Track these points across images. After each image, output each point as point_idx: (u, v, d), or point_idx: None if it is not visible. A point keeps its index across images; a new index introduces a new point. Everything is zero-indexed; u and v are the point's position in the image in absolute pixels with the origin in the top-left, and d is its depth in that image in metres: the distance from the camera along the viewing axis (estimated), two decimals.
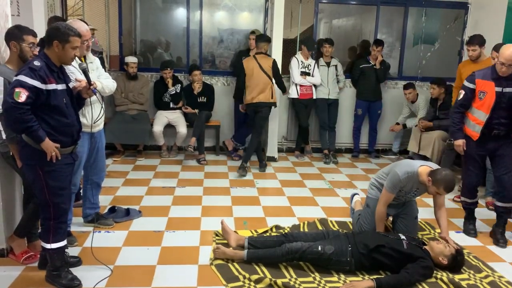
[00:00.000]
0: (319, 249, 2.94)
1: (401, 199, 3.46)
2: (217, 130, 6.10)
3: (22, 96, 2.38)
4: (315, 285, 2.83)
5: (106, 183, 4.03)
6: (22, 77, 2.41)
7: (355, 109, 6.31)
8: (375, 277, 2.86)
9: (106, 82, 3.28)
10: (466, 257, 3.21)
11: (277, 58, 5.49)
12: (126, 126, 5.57)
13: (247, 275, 2.86)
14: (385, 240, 3.01)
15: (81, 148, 3.06)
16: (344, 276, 2.94)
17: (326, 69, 6.00)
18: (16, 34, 2.79)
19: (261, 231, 3.59)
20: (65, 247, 2.76)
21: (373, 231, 3.38)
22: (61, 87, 2.58)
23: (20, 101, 2.37)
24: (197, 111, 5.80)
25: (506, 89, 3.41)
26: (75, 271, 2.81)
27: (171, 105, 5.86)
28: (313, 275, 2.94)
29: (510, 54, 3.26)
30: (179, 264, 3.06)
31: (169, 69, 5.73)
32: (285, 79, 5.65)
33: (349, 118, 6.45)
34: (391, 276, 2.89)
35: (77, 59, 2.91)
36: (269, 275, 2.88)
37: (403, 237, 3.09)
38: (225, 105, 6.22)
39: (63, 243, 2.72)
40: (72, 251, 3.06)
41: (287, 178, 5.20)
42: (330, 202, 4.46)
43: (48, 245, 2.66)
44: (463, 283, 2.90)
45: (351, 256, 2.95)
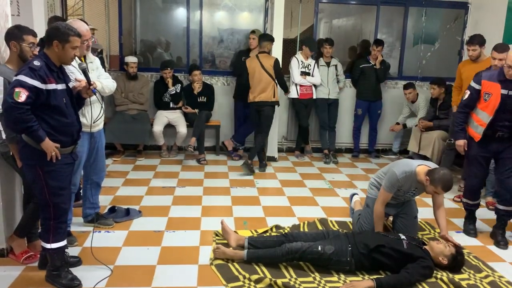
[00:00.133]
0: (319, 249, 2.94)
1: (400, 199, 3.46)
2: (217, 130, 6.11)
3: (22, 96, 2.38)
4: (315, 285, 2.83)
5: (106, 183, 4.03)
6: (22, 77, 2.41)
7: (355, 109, 6.32)
8: (375, 277, 2.86)
9: (106, 82, 3.28)
10: (466, 257, 3.21)
11: (277, 58, 5.48)
12: (126, 126, 5.57)
13: (247, 275, 2.86)
14: (385, 240, 3.01)
15: (81, 148, 3.06)
16: (344, 276, 2.94)
17: (326, 69, 6.00)
18: (16, 34, 2.79)
19: (261, 231, 3.59)
20: (65, 247, 2.76)
21: (373, 231, 3.38)
22: (61, 87, 2.58)
23: (20, 101, 2.37)
24: (197, 111, 5.80)
25: None
26: (75, 271, 2.81)
27: (171, 105, 5.86)
28: (313, 275, 2.94)
29: None
30: (179, 264, 3.06)
31: (169, 69, 5.73)
32: (285, 79, 5.65)
33: (349, 118, 6.45)
34: (391, 276, 2.89)
35: (77, 59, 2.91)
36: (269, 275, 2.88)
37: (403, 237, 3.09)
38: (225, 105, 6.23)
39: (63, 243, 2.72)
40: (72, 251, 3.06)
41: (287, 178, 5.20)
42: (330, 202, 4.46)
43: (48, 245, 2.66)
44: (463, 283, 2.90)
45: (351, 256, 2.95)
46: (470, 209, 3.79)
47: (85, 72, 2.82)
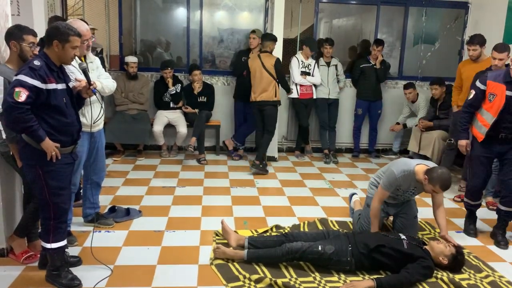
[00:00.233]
0: (319, 249, 2.94)
1: (400, 198, 3.46)
2: (217, 130, 6.10)
3: (22, 95, 2.37)
4: (315, 285, 2.83)
5: (106, 182, 4.03)
6: (22, 77, 2.41)
7: (355, 109, 6.31)
8: (375, 277, 2.85)
9: (106, 82, 3.27)
10: (466, 257, 3.20)
11: (278, 57, 5.48)
12: (126, 126, 5.57)
13: (247, 275, 2.86)
14: (385, 240, 3.01)
15: (81, 148, 3.05)
16: (344, 276, 2.94)
17: (326, 69, 5.99)
18: (16, 34, 2.78)
19: (261, 231, 3.59)
20: (65, 246, 2.76)
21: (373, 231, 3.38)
22: (61, 86, 2.58)
23: (20, 100, 2.37)
24: (197, 110, 5.80)
25: None
26: (75, 271, 2.81)
27: (171, 105, 5.86)
28: (313, 275, 2.94)
29: None
30: (179, 264, 3.06)
31: (169, 68, 5.73)
32: (286, 79, 5.64)
33: (349, 118, 6.45)
34: (391, 276, 2.89)
35: (77, 58, 2.91)
36: (269, 275, 2.88)
37: (403, 237, 3.08)
38: (225, 105, 6.23)
39: (63, 242, 2.72)
40: (72, 250, 3.06)
41: (287, 178, 5.20)
42: (330, 202, 4.46)
43: (48, 245, 2.66)
44: (464, 283, 2.89)
45: (351, 256, 2.95)
46: (470, 209, 3.78)
47: (85, 72, 2.81)
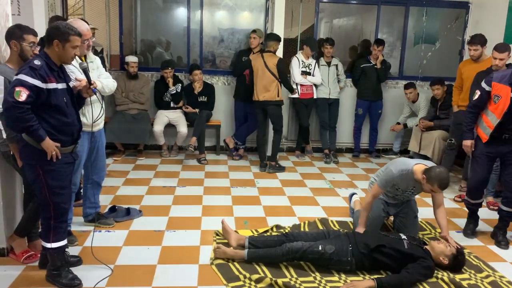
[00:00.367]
0: (320, 248, 2.94)
1: (400, 198, 3.46)
2: (217, 129, 6.10)
3: (23, 95, 2.37)
4: (315, 284, 2.83)
5: (106, 182, 4.03)
6: (22, 76, 2.41)
7: (355, 109, 6.31)
8: (376, 277, 2.85)
9: (106, 81, 3.27)
10: (467, 257, 3.21)
11: (281, 57, 5.47)
12: (127, 126, 5.57)
13: (248, 275, 2.86)
14: (386, 240, 3.01)
15: (81, 148, 3.05)
16: (344, 276, 2.94)
17: (327, 68, 5.99)
18: (16, 33, 2.78)
19: (261, 230, 3.59)
20: (66, 246, 2.76)
21: (373, 231, 3.38)
22: (61, 86, 2.58)
23: (20, 100, 2.37)
24: (197, 110, 5.80)
25: None
26: (76, 270, 2.80)
27: (172, 104, 5.86)
28: (313, 275, 2.94)
29: None
30: (179, 264, 3.06)
31: (169, 68, 5.73)
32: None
33: (349, 118, 6.44)
34: (391, 276, 2.89)
35: (77, 58, 2.90)
36: (269, 275, 2.88)
37: (403, 237, 3.08)
38: (225, 104, 6.23)
39: (64, 242, 2.72)
40: (73, 250, 3.06)
41: (288, 178, 5.20)
42: (330, 201, 4.46)
43: (49, 245, 2.66)
44: (464, 283, 2.89)
45: (351, 256, 2.95)
46: (471, 208, 3.76)
47: (85, 71, 2.81)
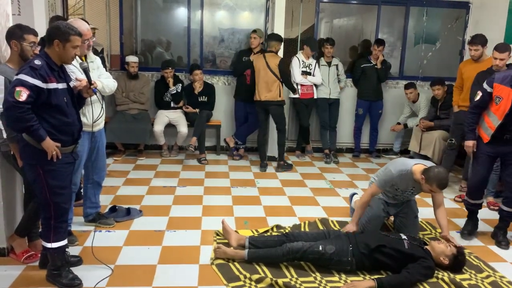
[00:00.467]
0: (320, 249, 2.94)
1: (399, 198, 3.46)
2: (217, 129, 6.10)
3: (23, 95, 2.38)
4: (316, 285, 2.83)
5: (106, 182, 4.03)
6: (23, 76, 2.41)
7: (356, 109, 6.31)
8: (376, 277, 2.85)
9: (106, 81, 3.27)
10: (467, 257, 3.20)
11: (282, 58, 5.48)
12: (127, 126, 5.57)
13: (248, 275, 2.86)
14: (386, 240, 3.01)
15: (81, 147, 3.05)
16: (345, 276, 2.94)
17: (327, 68, 5.99)
18: (17, 33, 2.78)
19: (262, 230, 3.59)
20: (66, 246, 2.76)
21: (374, 231, 3.38)
22: (61, 86, 2.58)
23: (21, 100, 2.37)
24: (197, 110, 5.80)
25: None
26: (76, 270, 2.80)
27: (172, 104, 5.86)
28: (314, 275, 2.94)
29: None
30: (180, 264, 3.06)
31: (170, 68, 5.73)
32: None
33: (350, 118, 6.44)
34: (392, 276, 2.89)
35: (77, 58, 2.90)
36: (270, 275, 2.88)
37: (404, 237, 3.08)
38: (225, 104, 6.22)
39: (64, 242, 2.72)
40: (73, 250, 3.06)
41: (288, 178, 5.20)
42: (331, 202, 4.46)
43: (49, 245, 2.66)
44: (464, 283, 2.89)
45: (352, 256, 2.95)
46: (471, 208, 3.74)
47: (86, 71, 2.81)
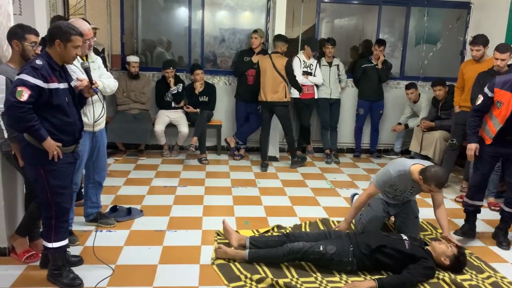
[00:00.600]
0: (321, 249, 2.94)
1: (399, 199, 3.45)
2: (218, 129, 6.10)
3: (24, 95, 2.38)
4: (316, 285, 2.83)
5: (107, 182, 4.03)
6: (24, 76, 2.41)
7: (357, 109, 6.31)
8: (377, 277, 2.85)
9: (107, 81, 3.28)
10: (468, 258, 3.20)
11: (289, 59, 5.49)
12: (128, 126, 5.57)
13: (249, 275, 2.86)
14: (387, 240, 3.01)
15: (82, 147, 3.05)
16: (345, 276, 2.94)
17: (328, 68, 5.99)
18: (18, 33, 2.78)
19: (262, 230, 3.59)
20: (67, 246, 2.77)
21: (374, 231, 3.38)
22: (63, 86, 2.59)
23: (22, 100, 2.37)
24: (198, 110, 5.80)
25: None
26: (77, 270, 2.81)
27: (173, 104, 5.86)
28: (314, 275, 2.94)
29: None
30: (180, 264, 3.06)
31: (171, 68, 5.73)
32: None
33: (350, 118, 6.44)
34: (393, 277, 2.89)
35: (79, 58, 2.90)
36: (270, 275, 2.88)
37: (405, 237, 3.08)
38: (226, 104, 6.22)
39: (65, 242, 2.72)
40: (74, 250, 3.07)
41: (289, 178, 5.20)
42: (331, 202, 4.46)
43: (50, 244, 2.67)
44: (465, 284, 2.89)
45: (352, 256, 2.95)
46: (469, 209, 3.68)
47: (87, 71, 2.81)
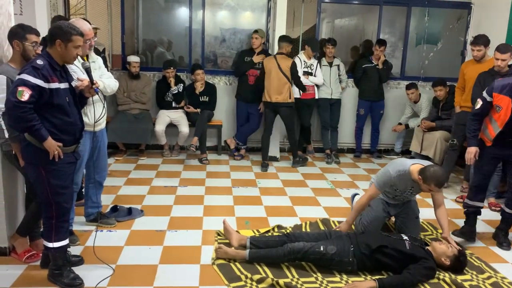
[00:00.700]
0: (321, 249, 2.94)
1: (399, 199, 3.45)
2: (219, 129, 6.11)
3: (25, 95, 2.38)
4: (317, 285, 2.83)
5: (108, 182, 4.03)
6: (25, 76, 2.42)
7: (357, 109, 6.30)
8: (377, 277, 2.85)
9: (108, 81, 3.28)
10: (468, 258, 3.20)
11: (294, 60, 5.50)
12: (128, 126, 5.57)
13: (249, 275, 2.86)
14: (387, 240, 3.01)
15: (83, 147, 3.05)
16: (346, 277, 2.94)
17: (329, 69, 5.99)
18: (19, 33, 2.79)
19: (263, 231, 3.59)
20: (67, 246, 2.77)
21: (375, 231, 3.37)
22: (63, 86, 2.59)
23: (23, 99, 2.37)
24: (199, 110, 5.81)
25: None
26: (77, 270, 2.81)
27: (173, 104, 5.86)
28: (315, 275, 2.94)
29: None
30: (181, 264, 3.06)
31: (172, 68, 5.74)
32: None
33: (351, 118, 6.44)
34: (393, 277, 2.89)
35: (79, 58, 2.91)
36: (271, 275, 2.88)
37: (405, 237, 3.08)
38: (227, 104, 6.23)
39: (65, 242, 2.73)
40: (74, 250, 3.07)
41: (289, 178, 5.20)
42: (332, 202, 4.46)
43: (50, 244, 2.67)
44: (466, 284, 2.89)
45: (353, 257, 2.95)
46: (469, 210, 3.65)
47: (88, 71, 2.81)
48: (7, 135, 2.77)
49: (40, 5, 4.12)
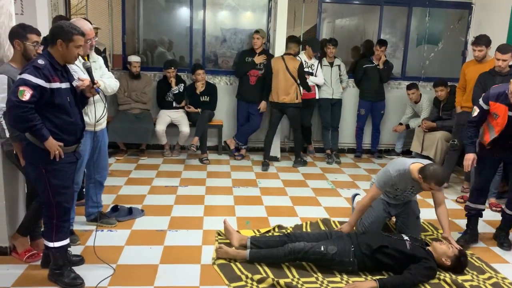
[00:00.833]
0: (322, 249, 2.94)
1: (400, 198, 3.45)
2: (219, 129, 6.11)
3: (26, 94, 2.38)
4: (317, 285, 2.83)
5: (108, 182, 4.03)
6: (26, 76, 2.42)
7: (358, 109, 6.30)
8: (378, 277, 2.85)
9: (108, 81, 3.28)
10: (469, 258, 3.20)
11: (302, 61, 5.50)
12: (129, 125, 5.58)
13: (250, 275, 2.86)
14: (388, 240, 3.01)
15: (83, 147, 3.05)
16: (346, 277, 2.94)
17: (329, 69, 5.99)
18: (20, 33, 2.79)
19: (263, 230, 3.59)
20: (68, 245, 2.77)
21: (375, 231, 3.37)
22: (65, 85, 2.59)
23: (24, 99, 2.38)
24: (199, 110, 5.81)
25: None
26: (78, 269, 2.81)
27: (174, 104, 5.86)
28: (315, 275, 2.94)
29: None
30: (181, 264, 3.06)
31: (172, 68, 5.74)
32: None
33: (352, 118, 6.43)
34: (394, 277, 2.89)
35: (80, 58, 2.91)
36: (271, 275, 2.88)
37: (406, 237, 3.08)
38: (227, 104, 6.23)
39: (66, 241, 2.73)
40: (75, 249, 3.07)
41: (290, 178, 5.20)
42: (332, 202, 4.46)
43: (51, 244, 2.67)
44: (466, 284, 2.89)
45: (354, 257, 2.95)
46: (470, 214, 3.63)
47: (89, 71, 2.82)
48: (8, 134, 2.77)
49: (41, 5, 4.12)
